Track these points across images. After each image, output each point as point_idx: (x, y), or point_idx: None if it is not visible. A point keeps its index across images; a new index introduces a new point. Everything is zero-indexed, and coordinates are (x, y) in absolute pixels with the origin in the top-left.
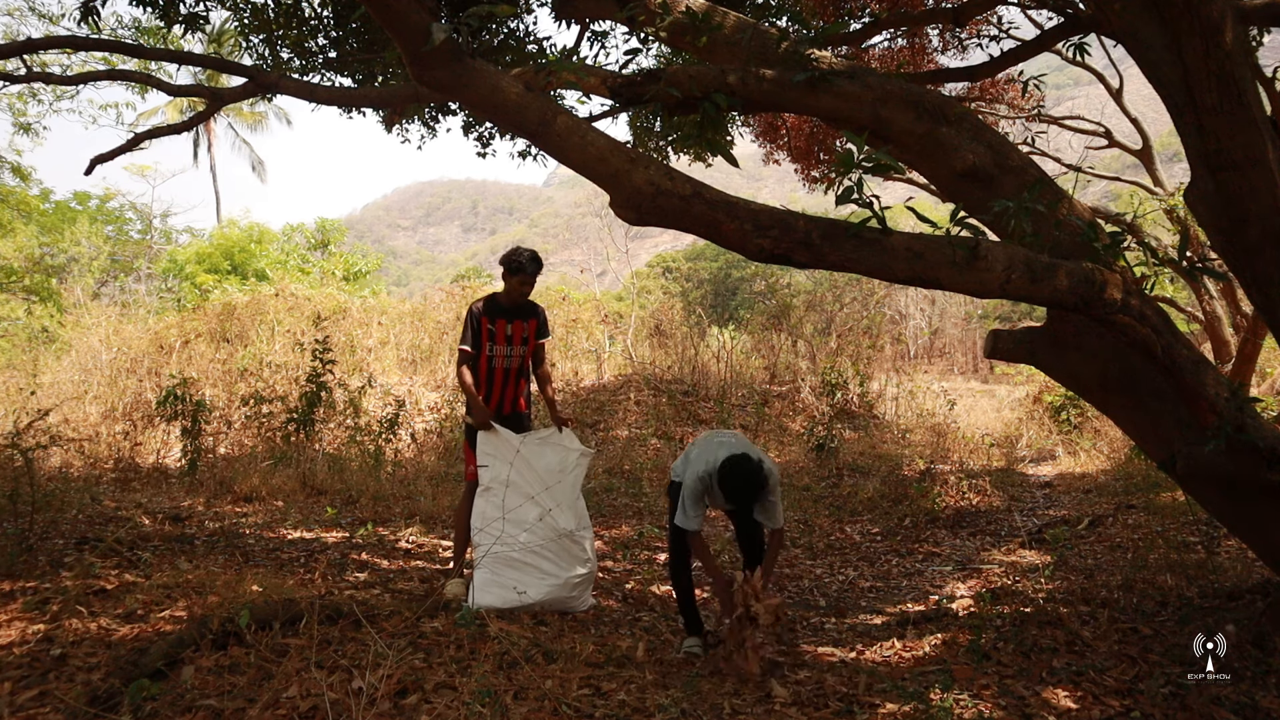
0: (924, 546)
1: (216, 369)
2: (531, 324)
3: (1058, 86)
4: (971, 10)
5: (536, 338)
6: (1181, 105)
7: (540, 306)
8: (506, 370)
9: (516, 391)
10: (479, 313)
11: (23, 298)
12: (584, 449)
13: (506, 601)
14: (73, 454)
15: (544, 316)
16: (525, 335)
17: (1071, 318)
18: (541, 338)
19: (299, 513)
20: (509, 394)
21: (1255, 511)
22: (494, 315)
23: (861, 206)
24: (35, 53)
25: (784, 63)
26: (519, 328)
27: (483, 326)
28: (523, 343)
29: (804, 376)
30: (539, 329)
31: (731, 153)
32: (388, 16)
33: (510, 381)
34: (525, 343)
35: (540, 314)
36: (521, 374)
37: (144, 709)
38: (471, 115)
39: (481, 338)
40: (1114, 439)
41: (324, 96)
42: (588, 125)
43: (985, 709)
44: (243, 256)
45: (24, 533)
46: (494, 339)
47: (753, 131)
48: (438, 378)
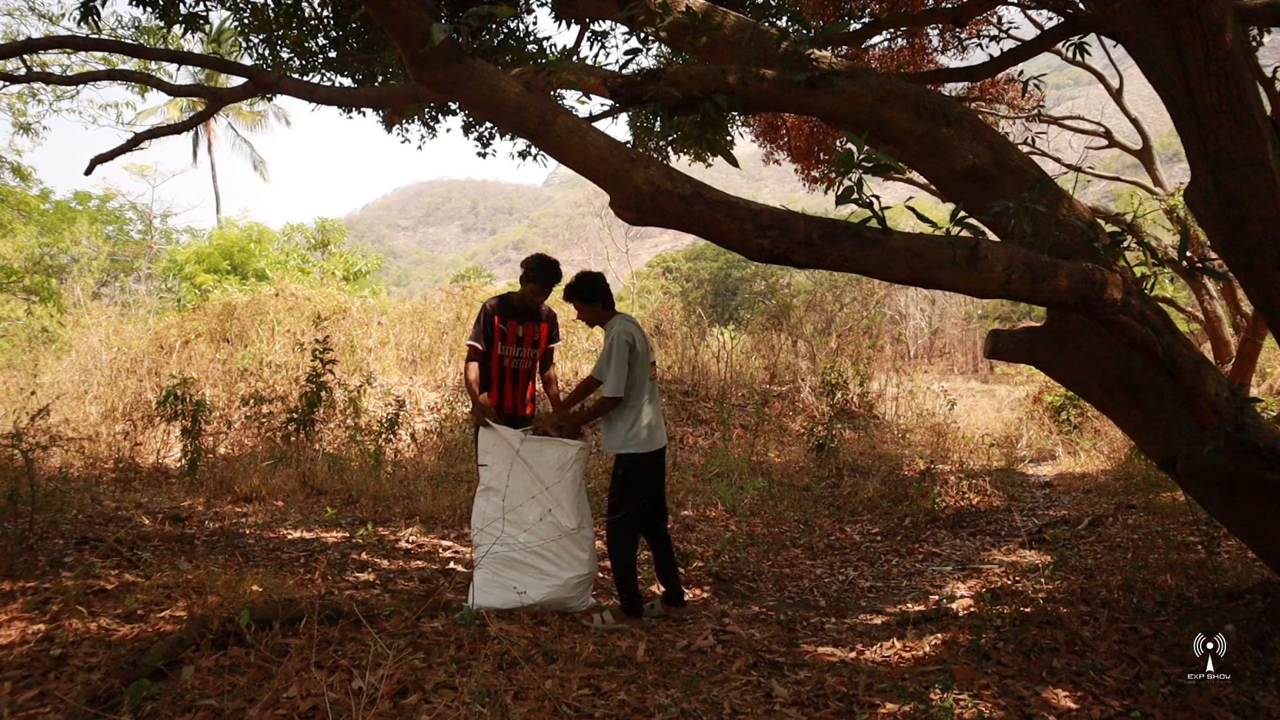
0: (924, 546)
1: (216, 369)
2: (543, 328)
3: (1058, 86)
4: (971, 10)
5: (548, 342)
6: (1181, 105)
7: (553, 311)
8: (515, 371)
9: (524, 394)
10: (491, 310)
11: (23, 298)
12: (581, 443)
13: (506, 602)
14: (73, 454)
15: (555, 321)
16: (536, 338)
17: (1072, 318)
18: (552, 342)
19: (299, 513)
20: (516, 395)
21: (1255, 511)
22: (506, 315)
23: (861, 206)
24: (35, 53)
25: (784, 63)
26: (530, 330)
27: (494, 325)
28: (533, 345)
29: (804, 376)
30: (550, 333)
31: (731, 153)
32: (388, 16)
33: (518, 383)
34: (535, 345)
35: (552, 318)
36: (529, 376)
37: (144, 709)
38: (471, 115)
39: (493, 336)
40: (1114, 439)
41: (324, 96)
42: (588, 125)
43: (985, 709)
44: (242, 256)
45: (24, 533)
46: (504, 339)
47: (753, 131)
48: (438, 378)
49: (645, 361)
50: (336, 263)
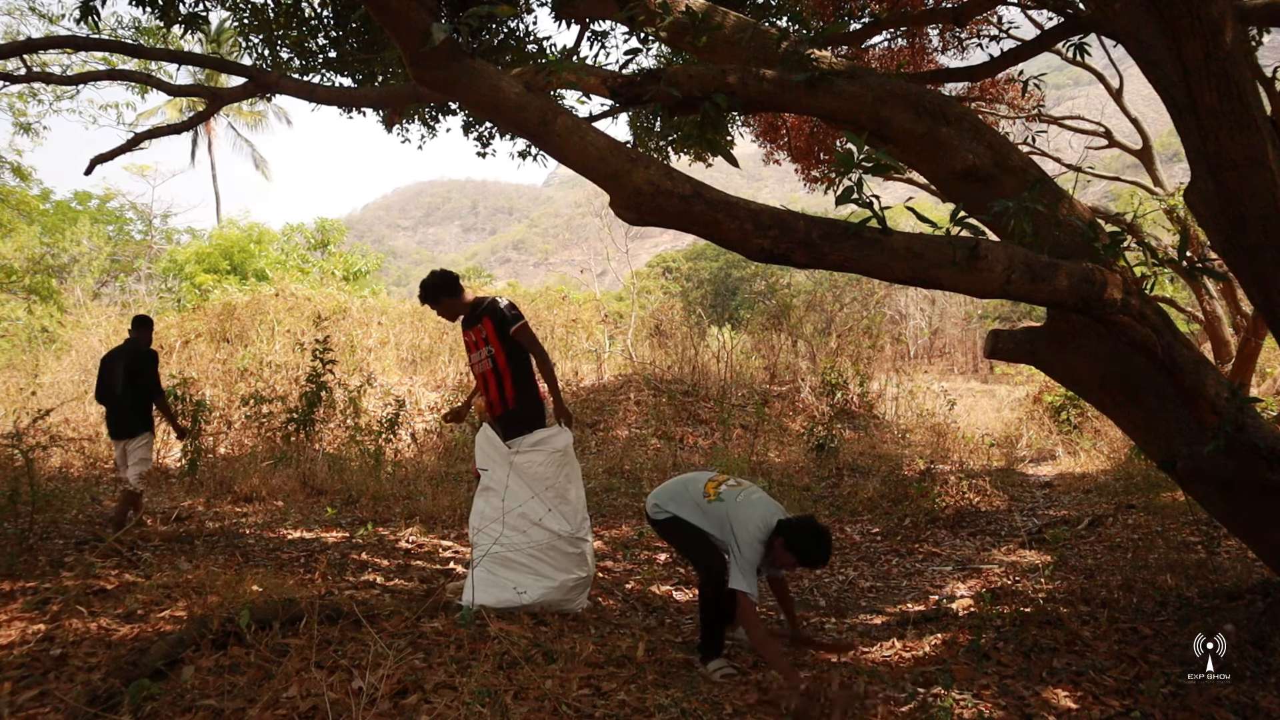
0: (924, 546)
1: (216, 369)
2: (486, 324)
3: (1058, 86)
4: (971, 10)
5: (498, 336)
6: (1181, 105)
7: (490, 302)
8: (483, 374)
9: (499, 392)
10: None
11: (23, 298)
12: (562, 430)
13: (504, 602)
14: (73, 454)
15: (497, 312)
16: (484, 337)
17: (1072, 318)
18: (503, 332)
19: (299, 513)
20: (492, 395)
21: (1255, 511)
22: (464, 327)
23: (861, 206)
24: (35, 53)
25: (784, 63)
26: (476, 333)
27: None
28: (485, 344)
29: (804, 376)
30: (495, 327)
31: (731, 153)
32: (387, 16)
33: (489, 384)
34: (488, 343)
35: (491, 312)
36: (499, 374)
37: (144, 709)
38: (471, 115)
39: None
40: (1114, 439)
41: (324, 96)
42: (588, 125)
43: (985, 709)
44: (242, 256)
45: (24, 533)
46: (468, 349)
47: (753, 131)
48: (438, 378)
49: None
50: (336, 263)
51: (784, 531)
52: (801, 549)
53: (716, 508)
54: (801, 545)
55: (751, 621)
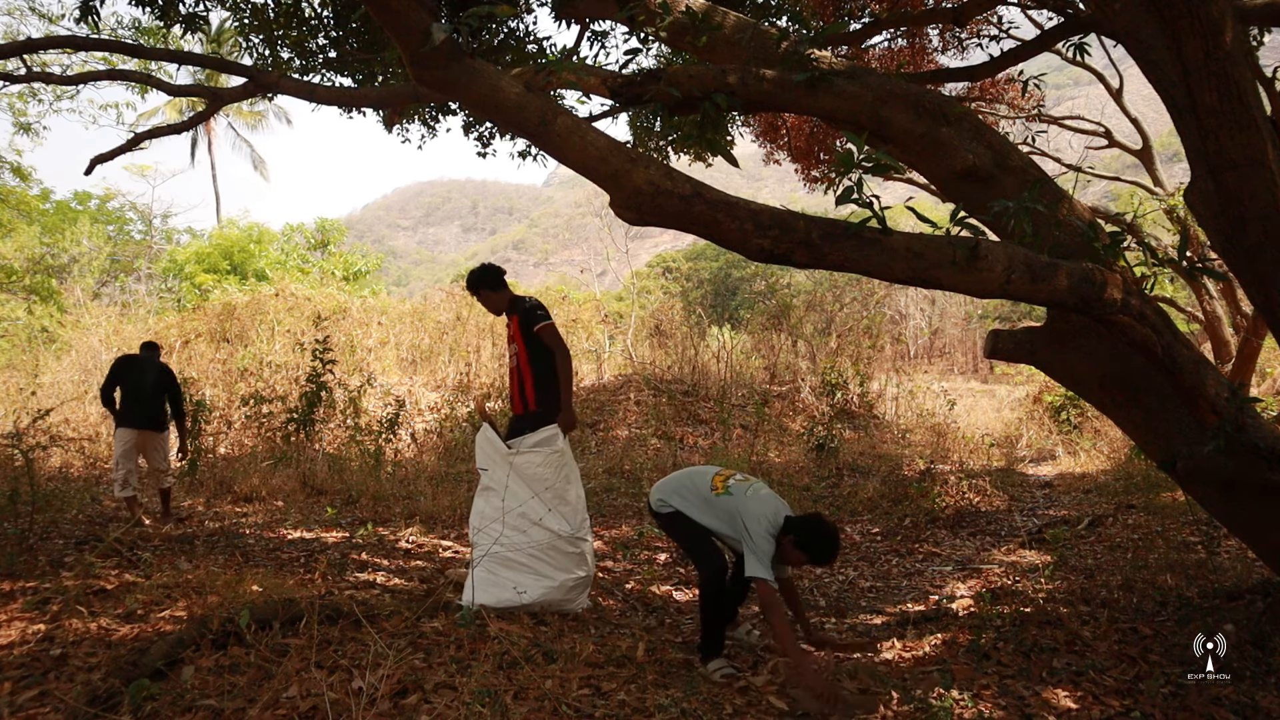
0: (924, 546)
1: (216, 369)
2: (514, 321)
3: (1058, 86)
4: (971, 10)
5: (522, 334)
6: (1181, 105)
7: (522, 300)
8: (511, 371)
9: (520, 391)
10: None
11: (23, 298)
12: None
13: (504, 601)
14: (73, 454)
15: (526, 310)
16: (514, 333)
17: (1072, 318)
18: (528, 330)
19: (299, 513)
20: (514, 393)
21: (1255, 511)
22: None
23: (861, 206)
24: (35, 53)
25: (784, 63)
26: (511, 326)
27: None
28: (513, 341)
29: (804, 376)
30: (521, 325)
31: (731, 153)
32: (387, 16)
33: (514, 380)
34: (514, 341)
35: (520, 309)
36: (520, 372)
37: (144, 709)
38: (471, 115)
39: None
40: (1114, 439)
41: (324, 96)
42: (588, 125)
43: (985, 709)
44: (242, 256)
45: (24, 533)
46: (507, 340)
47: (753, 131)
48: (438, 378)
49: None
50: (336, 263)
51: (793, 529)
52: (811, 546)
53: (725, 501)
54: (811, 542)
55: (774, 608)
